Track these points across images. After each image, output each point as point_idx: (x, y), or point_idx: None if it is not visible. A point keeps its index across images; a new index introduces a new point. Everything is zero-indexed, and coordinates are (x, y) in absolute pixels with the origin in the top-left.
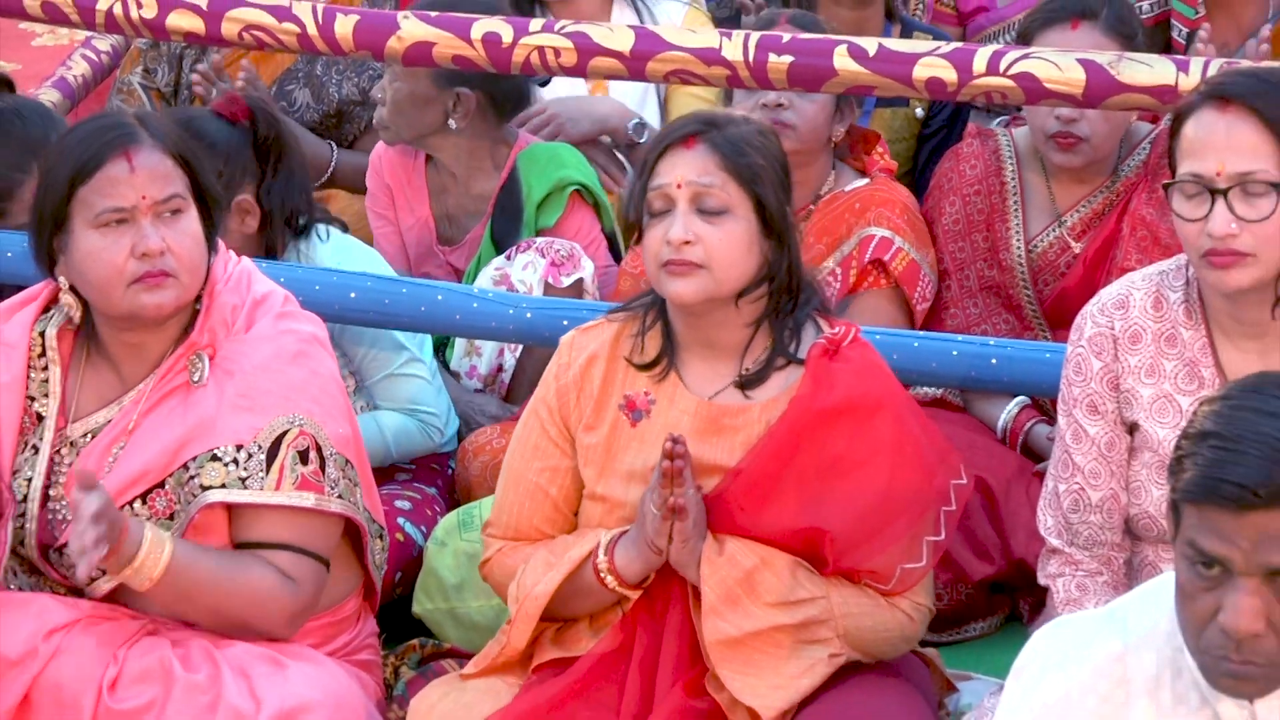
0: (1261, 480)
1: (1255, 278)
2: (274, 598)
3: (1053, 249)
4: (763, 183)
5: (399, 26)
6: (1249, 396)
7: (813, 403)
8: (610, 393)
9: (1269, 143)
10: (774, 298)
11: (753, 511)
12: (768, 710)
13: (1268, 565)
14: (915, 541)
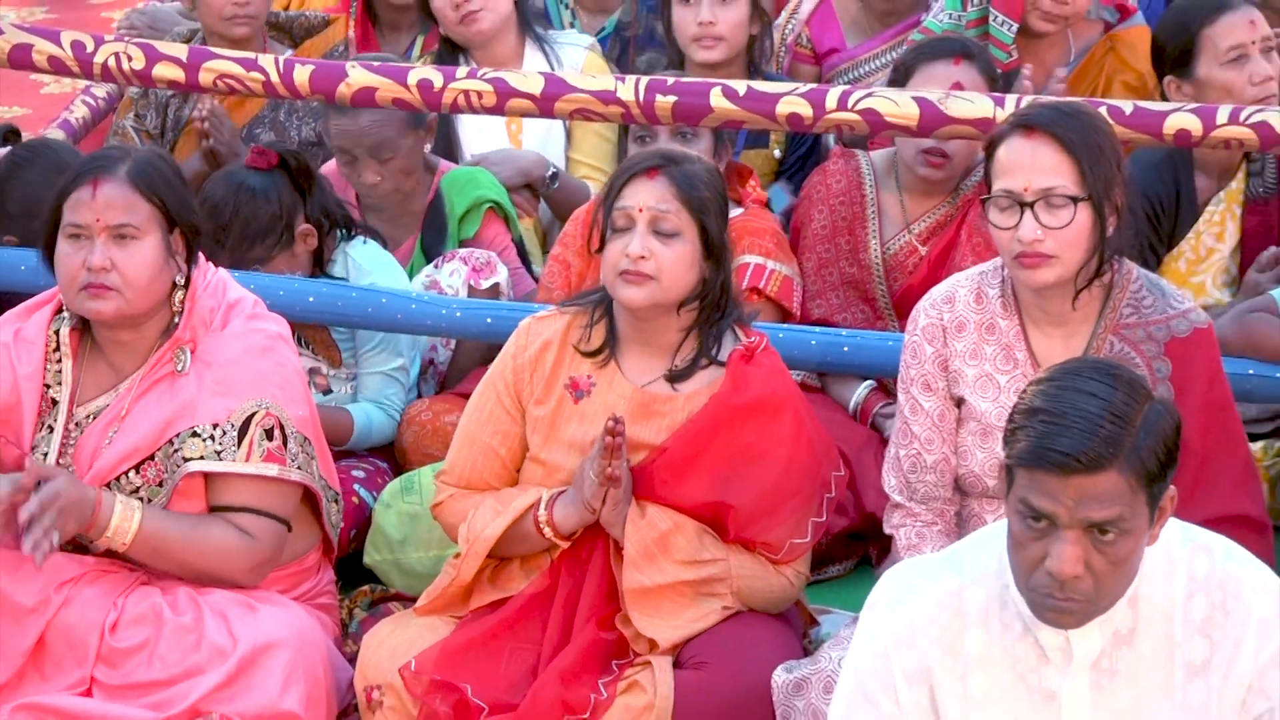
0: (1082, 449)
1: (1058, 275)
2: (235, 552)
3: (903, 251)
4: (709, 213)
5: (347, 74)
6: (1070, 378)
7: (730, 399)
8: (559, 374)
9: (1067, 163)
10: (706, 309)
11: (672, 484)
12: (665, 641)
13: (1087, 519)
14: (802, 520)
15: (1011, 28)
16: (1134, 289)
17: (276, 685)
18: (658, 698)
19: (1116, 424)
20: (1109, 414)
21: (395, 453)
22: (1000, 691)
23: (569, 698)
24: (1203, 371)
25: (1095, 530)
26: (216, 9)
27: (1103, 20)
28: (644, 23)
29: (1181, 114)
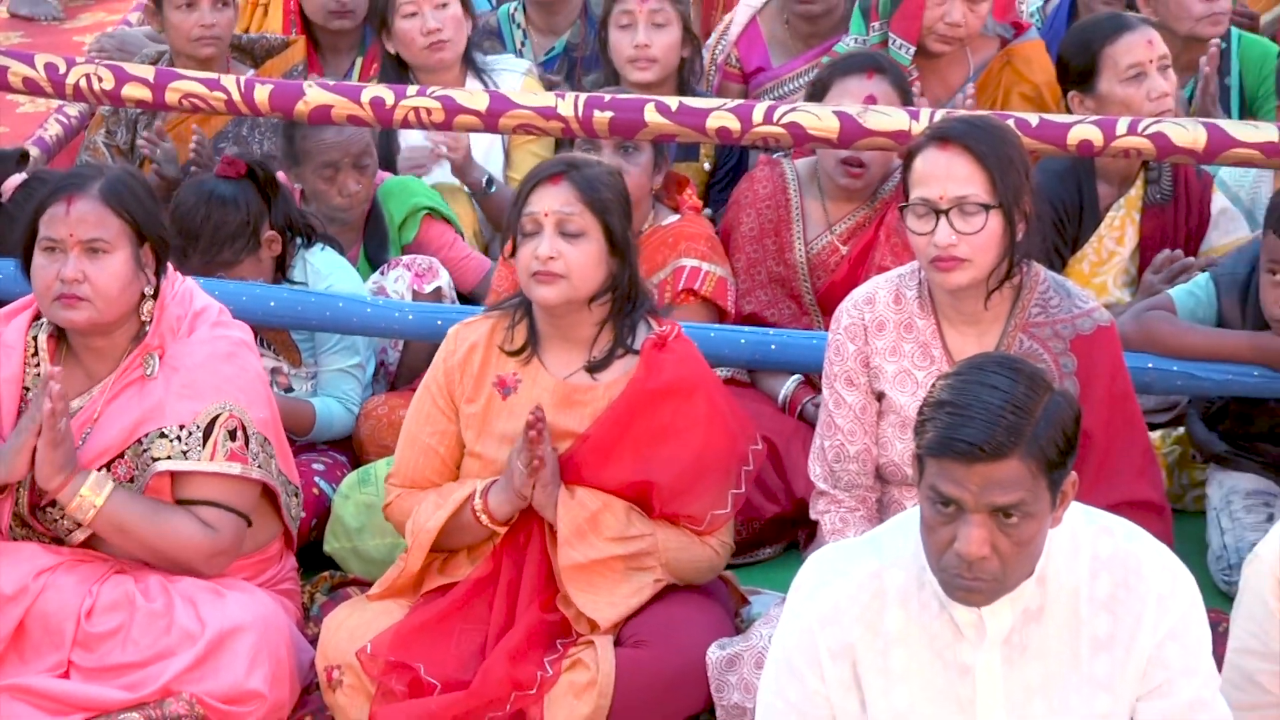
0: (985, 439)
1: (972, 278)
2: (194, 540)
3: (825, 251)
4: (611, 212)
5: (304, 93)
6: (974, 373)
7: (645, 384)
8: (486, 373)
9: (979, 173)
10: (617, 302)
11: (598, 467)
12: (604, 621)
13: (992, 504)
14: (722, 493)
15: (909, 50)
16: (1042, 290)
17: (243, 666)
18: (600, 674)
19: (1017, 415)
20: (1010, 406)
21: (353, 445)
22: (918, 666)
23: (517, 675)
24: (1106, 366)
25: (1000, 514)
26: (184, 31)
27: (999, 36)
28: (591, 44)
29: (1084, 125)
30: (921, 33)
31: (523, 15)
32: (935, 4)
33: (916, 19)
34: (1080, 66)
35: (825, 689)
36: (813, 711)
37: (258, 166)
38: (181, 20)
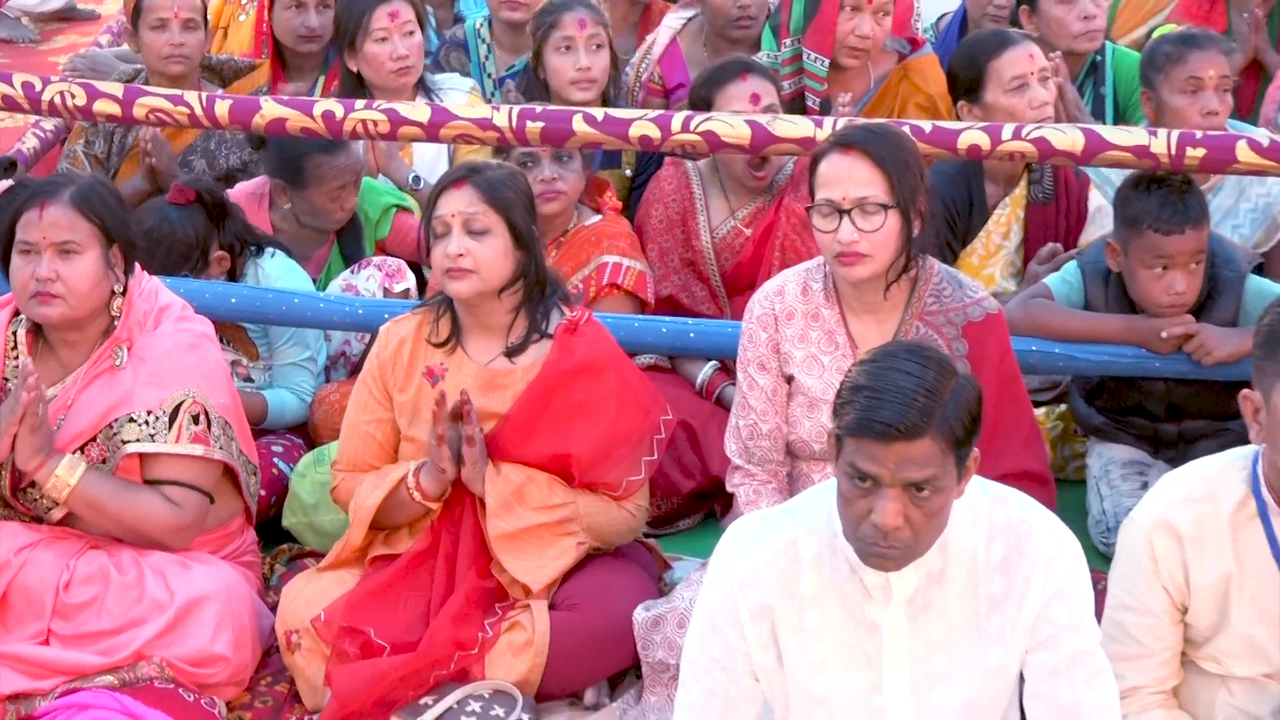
0: (901, 421)
1: (872, 271)
2: (160, 516)
3: (730, 235)
4: (513, 210)
5: (261, 107)
6: (888, 360)
7: (560, 365)
8: (416, 364)
9: (878, 175)
10: (527, 291)
11: (520, 444)
12: (535, 583)
13: (906, 479)
14: (636, 461)
15: (824, 63)
16: (936, 281)
17: (208, 632)
18: (536, 635)
19: (929, 398)
20: (922, 389)
21: (309, 429)
22: (831, 624)
23: (460, 637)
24: (994, 349)
25: (913, 488)
26: (156, 50)
27: (897, 52)
28: None
29: (973, 131)
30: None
31: (489, 32)
32: (846, 19)
33: (830, 33)
34: (968, 78)
35: (746, 646)
36: (734, 667)
37: (206, 192)
38: (154, 39)
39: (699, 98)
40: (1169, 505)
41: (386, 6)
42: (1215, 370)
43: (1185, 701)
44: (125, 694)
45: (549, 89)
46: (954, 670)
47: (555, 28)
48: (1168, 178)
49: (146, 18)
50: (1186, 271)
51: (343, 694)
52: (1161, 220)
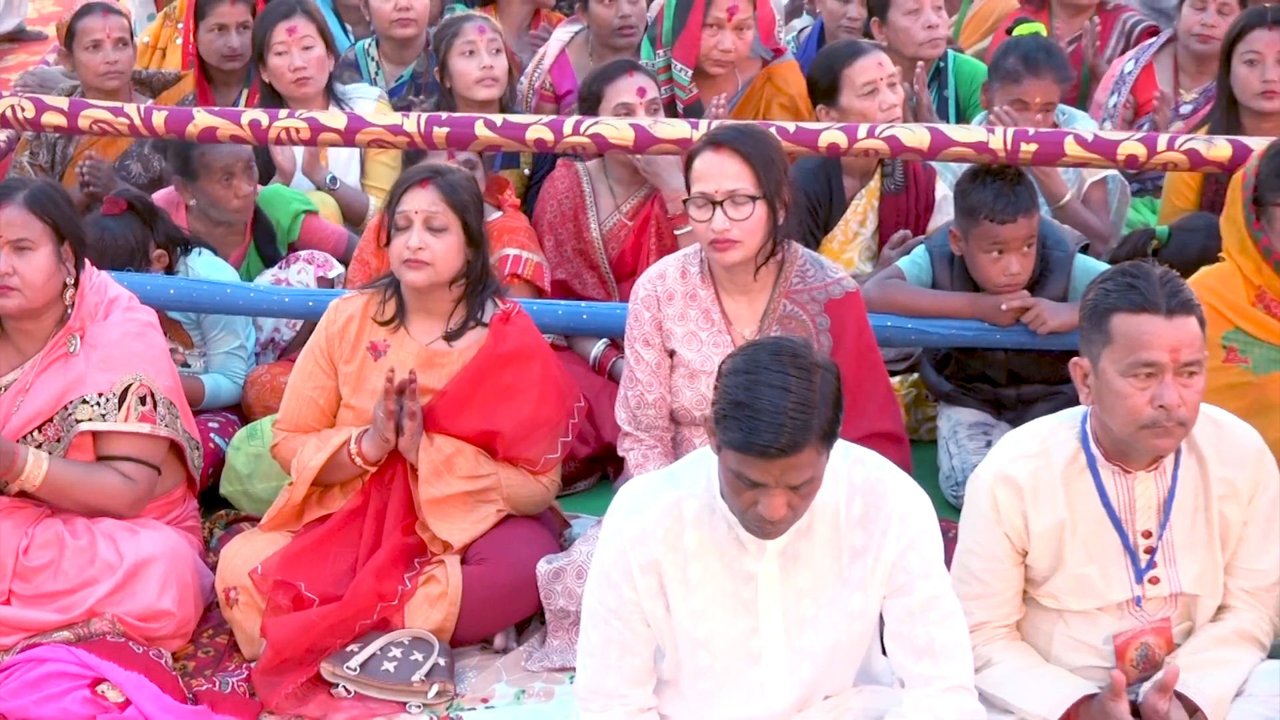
0: (778, 442)
1: (743, 256)
2: (119, 491)
3: (616, 227)
4: (468, 211)
5: (194, 117)
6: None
7: (493, 351)
8: (361, 339)
9: (747, 170)
10: (471, 284)
11: (452, 418)
12: (456, 543)
13: (789, 483)
14: (554, 441)
15: (687, 73)
16: (800, 264)
17: (155, 590)
18: (449, 587)
19: (805, 413)
20: (797, 405)
21: (242, 407)
22: (711, 576)
23: (381, 589)
24: (853, 324)
25: (796, 488)
26: (92, 68)
27: (761, 58)
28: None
29: (831, 131)
30: (698, 58)
31: (376, 49)
32: (710, 35)
33: (694, 47)
34: (826, 84)
35: (637, 596)
36: (628, 615)
37: (136, 200)
38: (89, 59)
39: (590, 93)
40: (1009, 461)
41: (285, 23)
42: (1049, 340)
43: (1027, 634)
44: (80, 648)
45: (453, 94)
46: (821, 615)
47: (458, 35)
48: (1002, 171)
49: (81, 40)
50: (1020, 254)
51: (277, 643)
52: (996, 210)
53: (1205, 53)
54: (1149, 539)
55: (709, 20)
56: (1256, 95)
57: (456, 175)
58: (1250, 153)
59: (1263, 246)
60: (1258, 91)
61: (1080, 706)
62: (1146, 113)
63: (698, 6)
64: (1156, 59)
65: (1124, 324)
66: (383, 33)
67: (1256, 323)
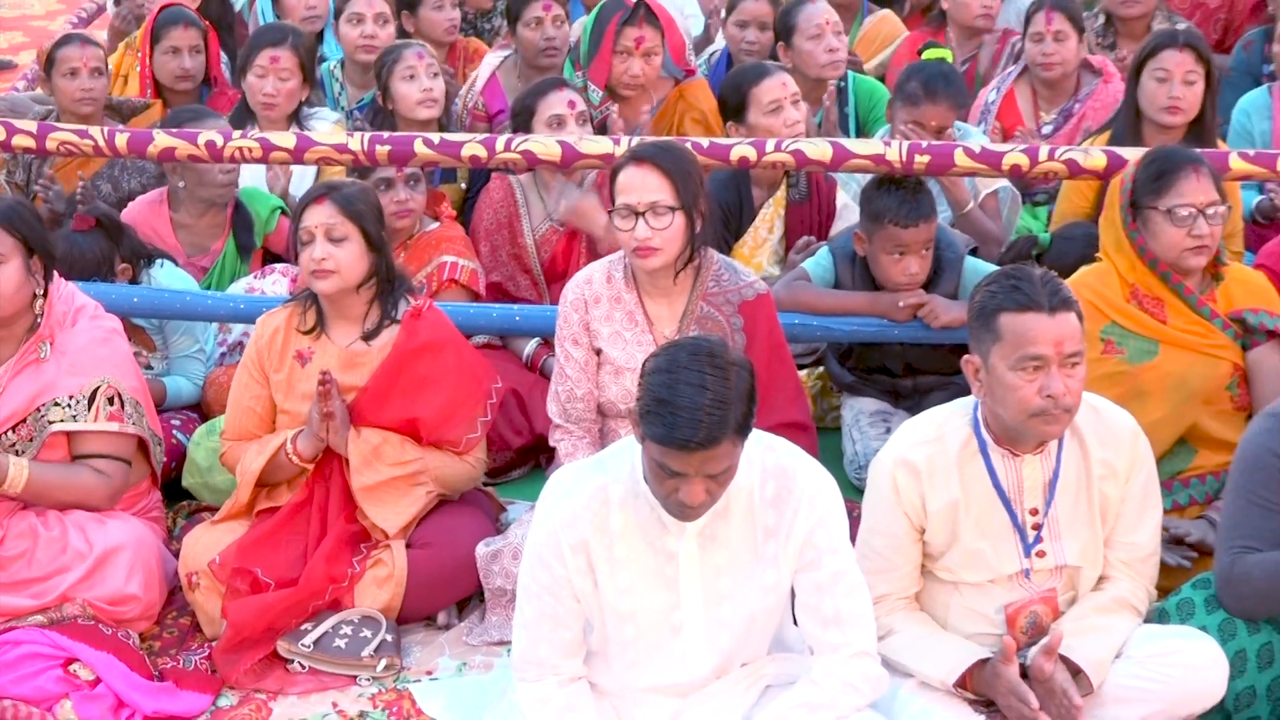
0: (694, 435)
1: (663, 262)
2: (96, 488)
3: (548, 233)
4: (366, 219)
5: (154, 139)
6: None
7: (406, 345)
8: (288, 349)
9: (667, 183)
10: (380, 286)
11: (376, 411)
12: (391, 527)
13: (707, 472)
14: (473, 422)
15: (598, 93)
16: (715, 268)
17: (122, 576)
18: (395, 569)
19: (722, 409)
20: (716, 402)
21: (202, 406)
22: (636, 554)
23: (332, 572)
24: (764, 323)
25: (714, 476)
26: (69, 94)
27: (674, 78)
28: None
29: (741, 146)
30: (609, 82)
31: (341, 71)
32: (620, 61)
33: (605, 71)
34: (734, 103)
35: (568, 574)
36: (559, 591)
37: (104, 217)
38: (66, 85)
39: (523, 108)
40: (908, 446)
41: (271, 50)
42: (942, 334)
43: (925, 605)
44: (53, 630)
45: (395, 114)
46: (738, 589)
47: (399, 61)
48: (904, 181)
49: (60, 67)
50: (919, 256)
51: (236, 623)
52: (900, 216)
53: (1051, 79)
54: (1035, 516)
55: (619, 48)
56: (1162, 110)
57: (352, 189)
58: (1124, 162)
59: (1138, 246)
60: (1163, 106)
61: (974, 670)
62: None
63: (609, 34)
64: (1016, 86)
65: (1011, 322)
66: (348, 57)
67: (1131, 317)
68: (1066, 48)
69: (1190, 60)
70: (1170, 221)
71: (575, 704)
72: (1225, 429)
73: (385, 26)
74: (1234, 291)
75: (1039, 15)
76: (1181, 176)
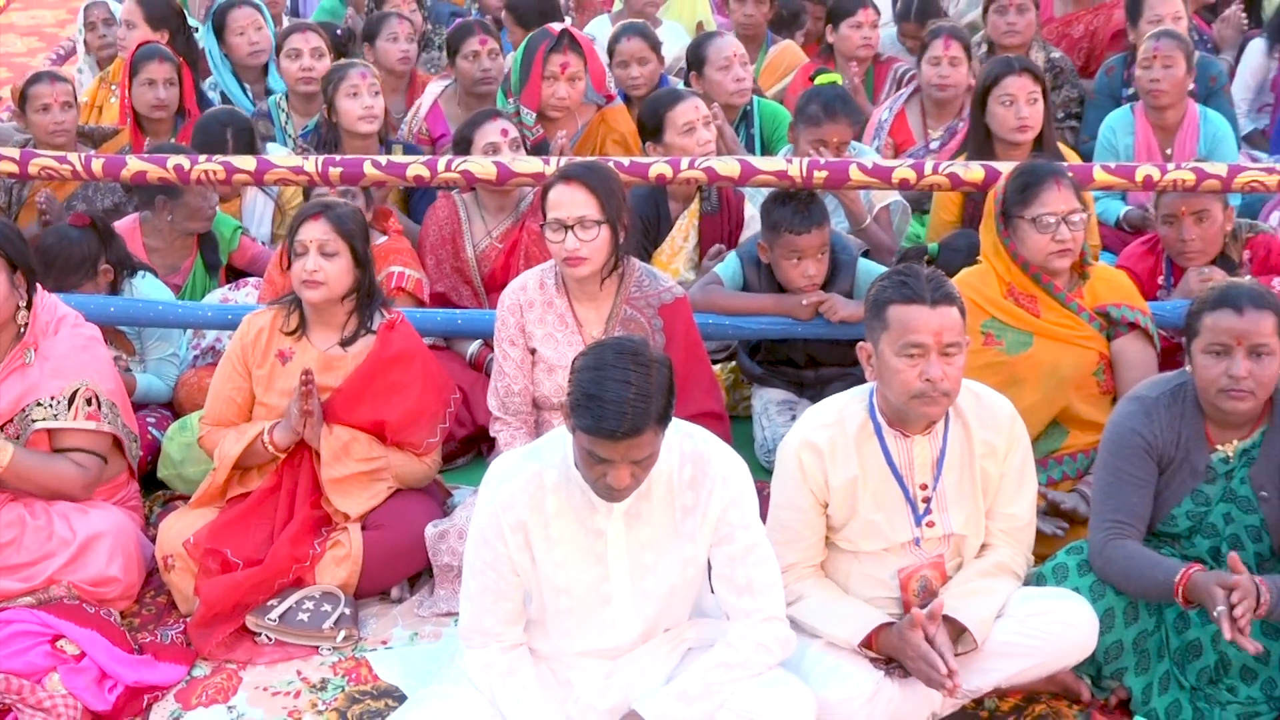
0: (619, 426)
1: (591, 270)
2: (72, 478)
3: (488, 249)
4: (355, 238)
5: (126, 163)
6: (605, 368)
7: (380, 354)
8: (271, 347)
9: (593, 199)
10: (360, 298)
11: (348, 411)
12: (354, 514)
13: (631, 459)
14: (434, 428)
15: (532, 116)
16: (637, 275)
17: (104, 559)
18: (352, 550)
19: (644, 402)
20: (638, 396)
21: (174, 405)
22: (569, 533)
23: (296, 553)
24: (682, 324)
25: (637, 462)
26: (43, 127)
27: (595, 104)
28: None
29: (659, 164)
30: (540, 105)
31: (286, 103)
32: (548, 86)
33: (536, 95)
34: (652, 125)
35: (508, 551)
36: (500, 567)
37: (97, 219)
38: (39, 119)
39: (462, 137)
40: (811, 430)
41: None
42: (840, 330)
43: (829, 572)
44: (42, 610)
45: (339, 128)
46: (660, 562)
47: (344, 80)
48: (798, 194)
49: (33, 103)
50: (815, 260)
51: (208, 600)
52: (795, 225)
53: (944, 99)
54: (925, 490)
55: (546, 74)
56: (1012, 130)
57: (344, 209)
58: (999, 175)
59: (1010, 251)
60: (1014, 126)
61: (879, 632)
62: (903, 151)
63: (538, 62)
64: (907, 105)
65: (897, 313)
66: (290, 88)
67: (1008, 313)
68: (959, 72)
69: (1030, 82)
70: (1035, 229)
71: (516, 668)
72: (1094, 411)
73: (321, 59)
74: (1099, 288)
75: (937, 41)
76: (1045, 188)
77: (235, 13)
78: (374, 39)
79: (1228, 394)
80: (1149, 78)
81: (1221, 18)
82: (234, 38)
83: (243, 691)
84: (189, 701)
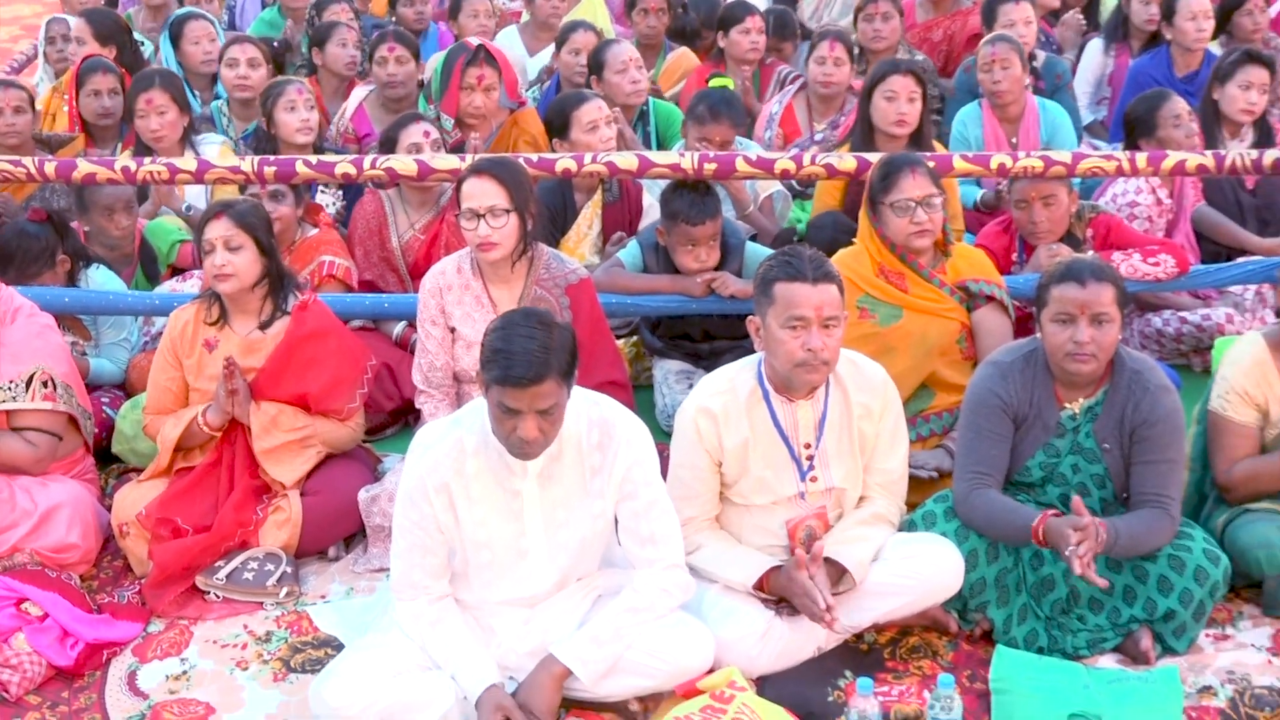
0: (529, 374)
1: (502, 255)
2: (24, 454)
3: (412, 240)
4: (257, 230)
5: (77, 166)
6: (512, 327)
7: (296, 333)
8: (197, 338)
9: (503, 191)
10: (272, 284)
11: (272, 388)
12: (288, 481)
13: (538, 409)
14: (353, 394)
15: (450, 121)
16: (545, 259)
17: (63, 528)
18: (292, 514)
19: (545, 354)
20: (539, 348)
21: (126, 386)
22: (488, 493)
23: (240, 518)
24: (587, 302)
25: (543, 413)
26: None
27: (509, 108)
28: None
29: (565, 159)
30: (459, 112)
31: (228, 108)
32: (466, 95)
33: (454, 103)
34: (558, 124)
35: (433, 511)
36: (427, 526)
37: (55, 214)
38: None
39: (388, 138)
40: (706, 396)
41: (144, 94)
42: (731, 305)
43: (724, 524)
44: (6, 575)
45: (277, 139)
46: (571, 518)
47: (282, 95)
48: (695, 185)
49: None
50: (708, 247)
51: (161, 564)
52: (690, 215)
53: (829, 95)
54: (809, 449)
55: (464, 84)
56: (892, 124)
57: (244, 205)
58: (869, 166)
59: (878, 234)
60: (893, 120)
61: (769, 575)
62: (791, 142)
63: (455, 74)
64: (795, 100)
65: (782, 290)
66: (229, 95)
67: (880, 289)
68: (842, 71)
69: (912, 83)
70: (895, 213)
71: (443, 617)
72: (957, 375)
73: (257, 69)
74: (960, 265)
75: (824, 43)
76: (902, 176)
77: (191, 24)
78: (324, 44)
79: (1073, 357)
80: (991, 80)
81: (1062, 21)
82: (189, 46)
83: (194, 645)
84: (145, 656)
